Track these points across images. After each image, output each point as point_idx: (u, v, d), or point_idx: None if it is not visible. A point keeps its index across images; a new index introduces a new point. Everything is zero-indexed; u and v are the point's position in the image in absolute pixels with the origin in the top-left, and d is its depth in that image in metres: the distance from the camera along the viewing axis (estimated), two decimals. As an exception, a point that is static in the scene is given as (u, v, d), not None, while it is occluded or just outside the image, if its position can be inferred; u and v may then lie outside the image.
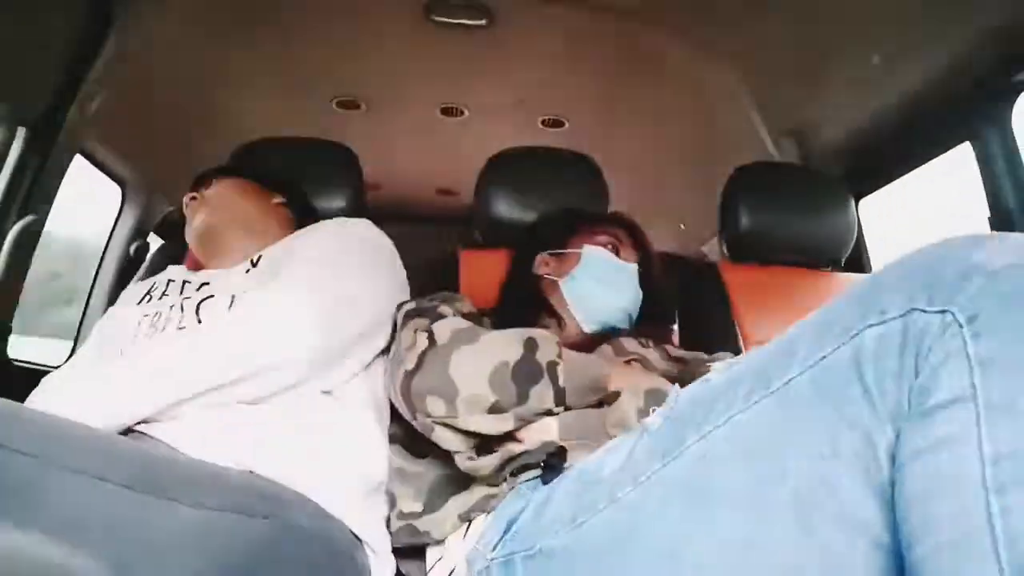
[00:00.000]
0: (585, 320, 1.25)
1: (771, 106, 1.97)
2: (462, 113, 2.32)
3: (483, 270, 1.42)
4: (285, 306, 0.99)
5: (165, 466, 0.81)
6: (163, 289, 1.21)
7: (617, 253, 1.27)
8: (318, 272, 1.06)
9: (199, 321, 1.07)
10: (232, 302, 1.08)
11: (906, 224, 2.09)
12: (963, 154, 1.52)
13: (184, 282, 1.20)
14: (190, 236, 1.28)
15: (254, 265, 1.17)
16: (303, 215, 1.35)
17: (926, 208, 1.99)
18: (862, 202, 1.88)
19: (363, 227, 1.22)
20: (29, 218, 1.58)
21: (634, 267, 1.27)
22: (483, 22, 1.79)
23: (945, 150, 1.62)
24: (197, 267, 1.29)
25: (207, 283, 1.18)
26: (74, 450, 0.72)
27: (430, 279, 1.27)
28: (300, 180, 1.41)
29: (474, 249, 1.54)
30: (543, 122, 2.34)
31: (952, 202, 1.88)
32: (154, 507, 0.71)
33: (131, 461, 0.77)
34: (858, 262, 1.84)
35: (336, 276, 1.07)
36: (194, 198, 1.30)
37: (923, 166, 1.72)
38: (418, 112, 2.34)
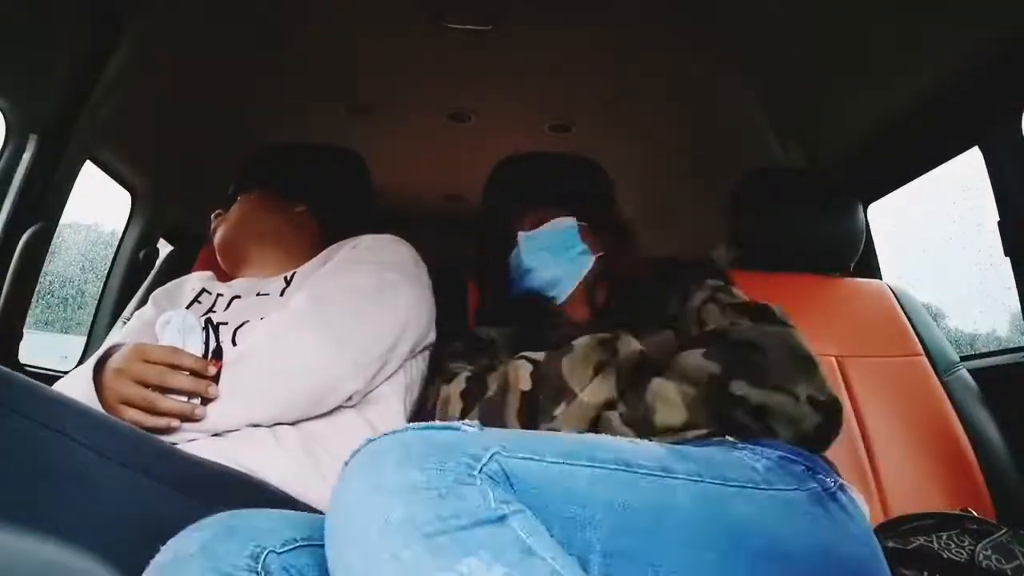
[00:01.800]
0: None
1: (779, 111, 1.97)
2: (469, 118, 2.32)
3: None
4: (325, 359, 1.00)
5: (208, 471, 0.82)
6: (193, 297, 1.23)
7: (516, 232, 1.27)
8: (354, 307, 1.06)
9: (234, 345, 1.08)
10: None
11: (915, 229, 2.08)
12: (972, 158, 1.52)
13: (218, 295, 1.22)
14: (217, 250, 1.32)
15: (288, 283, 1.19)
16: (328, 221, 1.36)
17: (935, 213, 1.99)
18: (871, 207, 1.88)
19: (398, 251, 1.21)
20: (39, 224, 1.60)
21: (519, 239, 1.25)
22: (490, 27, 1.79)
23: (954, 155, 1.61)
24: (224, 277, 1.32)
25: (238, 296, 1.19)
26: (128, 446, 0.74)
27: (437, 286, 1.27)
28: (314, 185, 1.42)
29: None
30: (550, 127, 2.35)
31: (961, 207, 1.87)
32: (196, 511, 0.72)
33: (179, 463, 0.79)
34: (867, 267, 1.83)
35: (374, 310, 1.08)
36: (219, 215, 1.33)
37: (932, 171, 1.71)
38: (426, 117, 2.34)
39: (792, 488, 0.77)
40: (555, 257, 1.24)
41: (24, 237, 1.57)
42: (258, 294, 1.19)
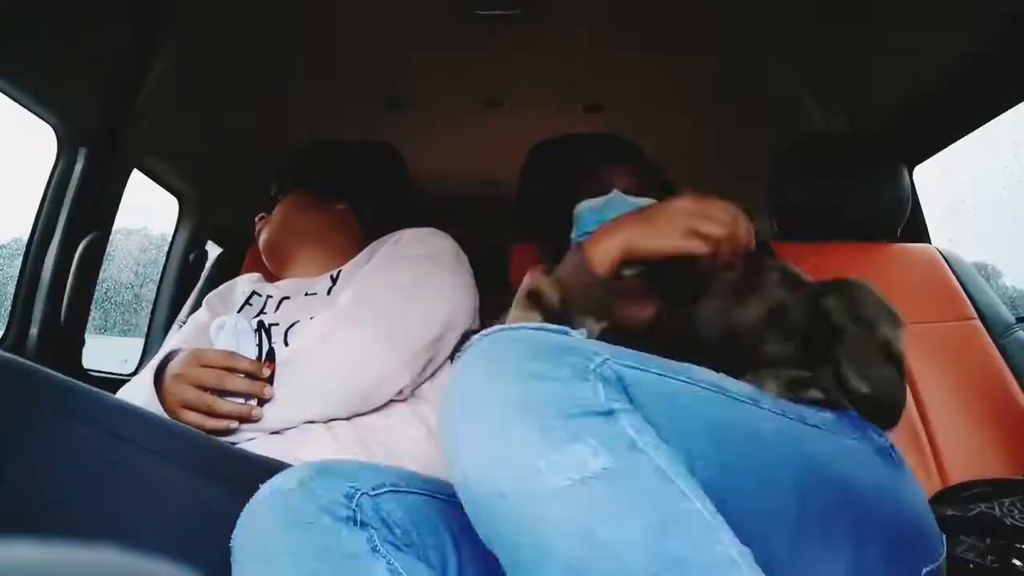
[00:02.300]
0: None
1: (818, 76, 1.93)
2: (503, 104, 2.32)
3: (533, 261, 1.43)
4: (374, 355, 1.02)
5: (266, 468, 0.85)
6: (244, 300, 1.27)
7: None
8: (399, 302, 1.09)
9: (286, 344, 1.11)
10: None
11: (966, 185, 2.02)
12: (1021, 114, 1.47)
13: (267, 296, 1.25)
14: (262, 252, 1.35)
15: (334, 281, 1.21)
16: (368, 218, 1.39)
17: (986, 167, 1.93)
18: (917, 168, 1.83)
19: (437, 244, 1.23)
20: (94, 234, 1.65)
21: (605, 198, 1.17)
22: (517, 11, 1.79)
23: (1004, 110, 1.56)
24: (271, 278, 1.35)
25: (287, 297, 1.22)
26: (187, 449, 0.77)
27: (480, 272, 1.28)
28: (353, 182, 1.44)
29: (521, 241, 1.55)
30: (584, 108, 2.33)
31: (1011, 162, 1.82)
32: None
33: (237, 463, 0.82)
34: (915, 232, 1.79)
35: (419, 304, 1.10)
36: (262, 218, 1.36)
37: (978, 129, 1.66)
38: (461, 106, 2.35)
39: (855, 438, 0.80)
40: None
41: (80, 247, 1.62)
42: (306, 294, 1.21)
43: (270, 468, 0.86)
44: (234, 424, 0.94)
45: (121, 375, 2.06)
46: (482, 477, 0.57)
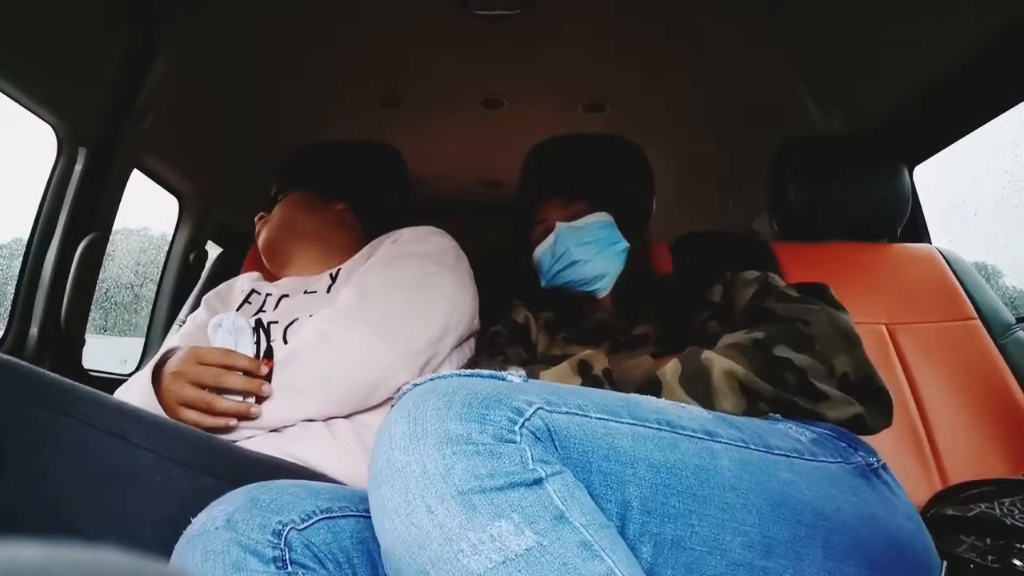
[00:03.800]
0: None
1: (817, 76, 1.93)
2: (503, 104, 2.32)
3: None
4: (374, 353, 1.03)
5: (264, 466, 0.85)
6: (243, 299, 1.27)
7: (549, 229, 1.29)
8: (399, 300, 1.09)
9: (286, 343, 1.11)
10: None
11: (966, 186, 2.02)
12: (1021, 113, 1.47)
13: (267, 295, 1.25)
14: (261, 251, 1.35)
15: (333, 280, 1.21)
16: (368, 217, 1.39)
17: (986, 168, 1.93)
18: (917, 168, 1.83)
19: (437, 242, 1.24)
20: (94, 234, 1.65)
21: (552, 235, 1.27)
22: (517, 11, 1.79)
23: (1001, 111, 1.57)
24: (271, 277, 1.35)
25: (286, 295, 1.22)
26: (186, 447, 0.77)
27: (479, 272, 1.28)
28: (353, 182, 1.45)
29: None
30: (584, 107, 2.33)
31: (1013, 162, 1.82)
32: None
33: (235, 460, 0.82)
34: (915, 232, 1.79)
35: (418, 303, 1.10)
36: (262, 217, 1.36)
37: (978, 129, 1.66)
38: (460, 106, 2.35)
39: (837, 460, 0.77)
40: (601, 252, 1.26)
41: (80, 247, 1.62)
42: (305, 292, 1.22)
43: (268, 466, 0.86)
44: (233, 422, 0.94)
45: (121, 375, 2.06)
46: (404, 553, 0.55)
